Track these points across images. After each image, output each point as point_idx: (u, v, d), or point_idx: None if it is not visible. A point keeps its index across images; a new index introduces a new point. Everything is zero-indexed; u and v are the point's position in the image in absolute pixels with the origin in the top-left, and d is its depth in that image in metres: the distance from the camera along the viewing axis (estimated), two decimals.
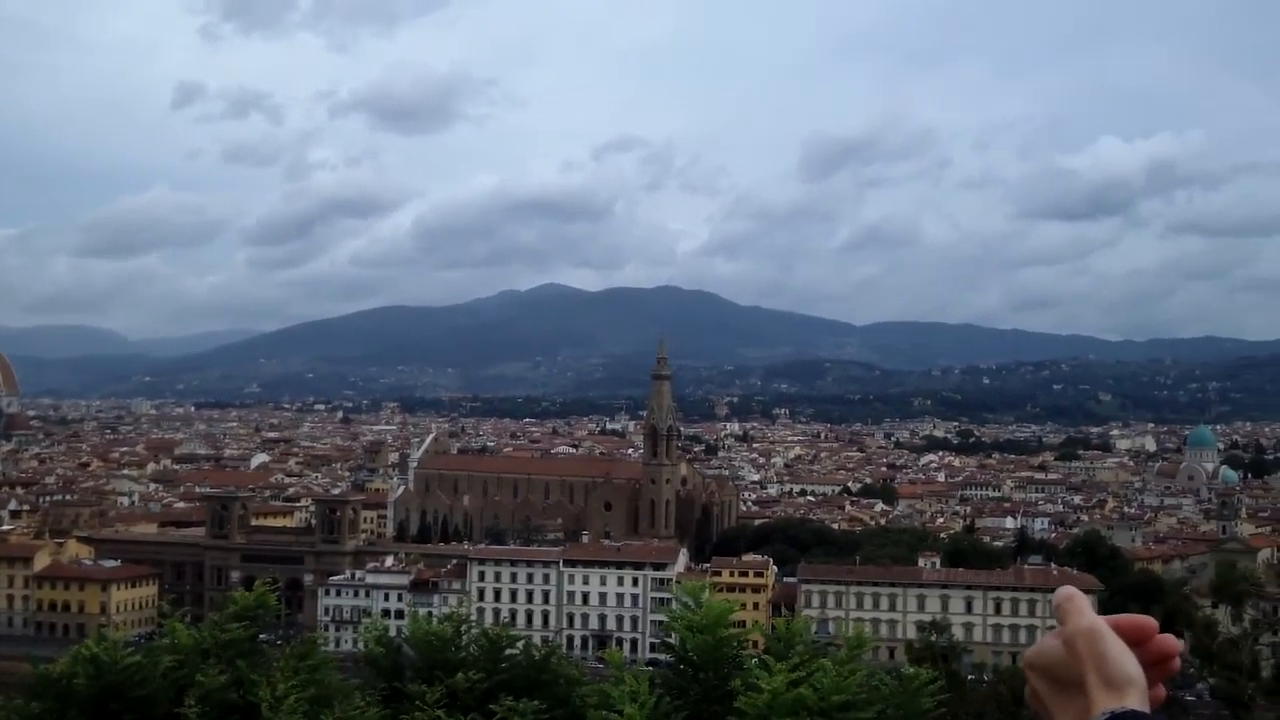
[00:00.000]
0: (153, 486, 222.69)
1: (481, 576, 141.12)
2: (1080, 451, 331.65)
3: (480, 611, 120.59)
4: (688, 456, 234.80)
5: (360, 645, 16.94)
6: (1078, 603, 2.64)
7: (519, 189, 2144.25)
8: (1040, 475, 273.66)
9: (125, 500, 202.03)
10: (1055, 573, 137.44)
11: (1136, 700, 2.59)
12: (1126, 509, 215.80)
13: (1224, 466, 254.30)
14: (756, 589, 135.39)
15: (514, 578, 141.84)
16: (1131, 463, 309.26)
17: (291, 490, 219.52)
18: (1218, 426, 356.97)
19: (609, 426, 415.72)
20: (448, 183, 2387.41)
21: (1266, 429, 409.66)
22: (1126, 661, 2.60)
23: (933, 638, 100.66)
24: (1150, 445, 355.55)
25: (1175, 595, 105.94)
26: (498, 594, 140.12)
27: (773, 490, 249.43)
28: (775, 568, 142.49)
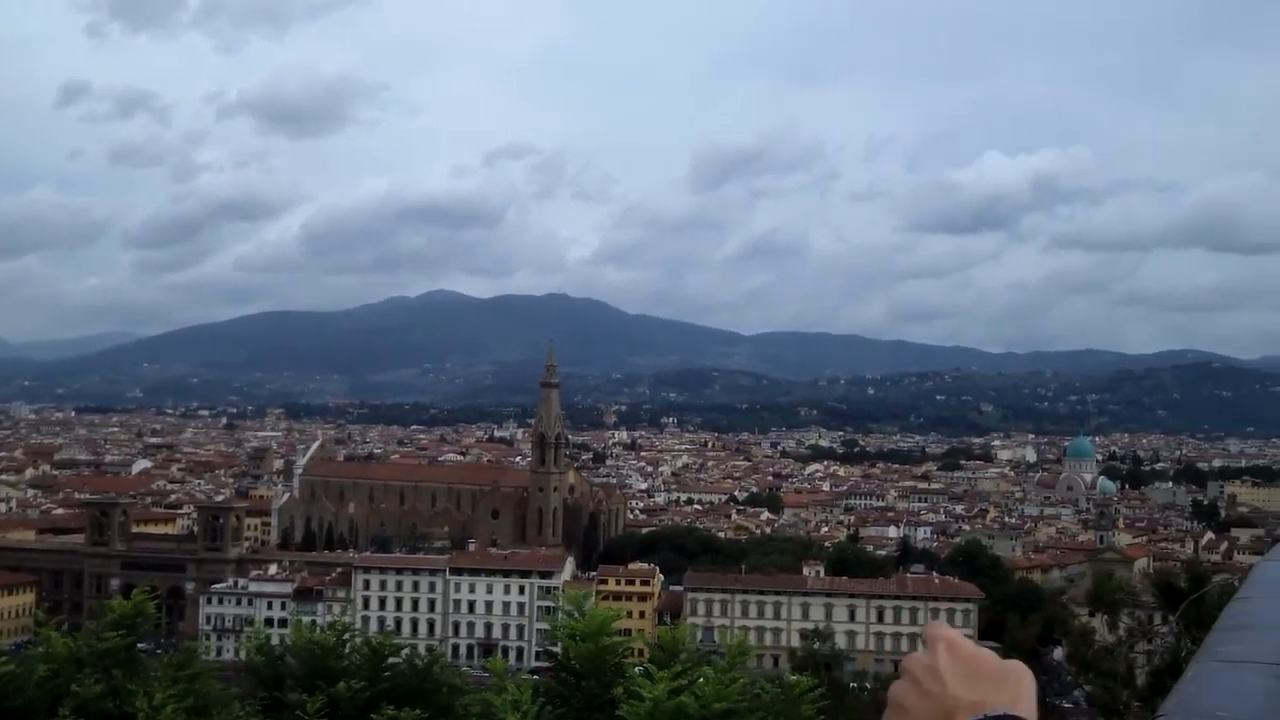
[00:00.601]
0: (31, 492, 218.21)
1: (367, 585, 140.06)
2: (962, 461, 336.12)
3: (365, 620, 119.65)
4: (576, 465, 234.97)
5: (241, 654, 16.79)
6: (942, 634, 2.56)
7: (409, 195, 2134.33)
8: (923, 485, 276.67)
9: (2, 506, 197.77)
10: (937, 581, 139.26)
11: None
12: (1007, 519, 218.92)
13: (1102, 477, 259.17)
14: (642, 597, 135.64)
15: (400, 586, 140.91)
16: (1012, 473, 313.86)
17: (174, 497, 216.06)
18: (1096, 438, 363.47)
19: (497, 434, 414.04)
20: (337, 187, 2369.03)
21: (1143, 440, 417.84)
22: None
23: (815, 645, 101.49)
24: (1031, 456, 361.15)
25: (1053, 604, 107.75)
26: (383, 602, 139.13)
27: (660, 499, 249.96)
28: (661, 576, 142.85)
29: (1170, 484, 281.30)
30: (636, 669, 12.53)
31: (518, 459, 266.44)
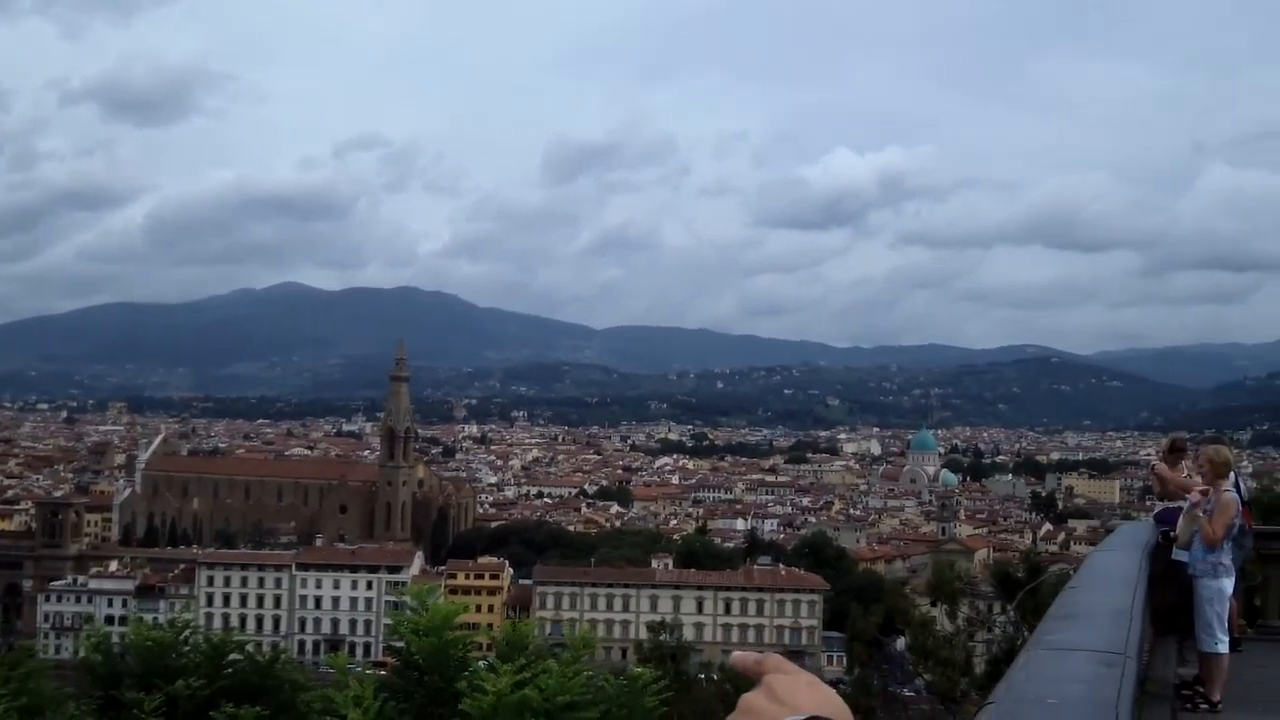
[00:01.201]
0: None
1: (211, 581, 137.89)
2: (809, 455, 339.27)
3: (209, 617, 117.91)
4: (425, 459, 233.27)
5: (80, 653, 16.46)
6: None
7: (257, 185, 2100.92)
8: (770, 478, 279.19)
9: None
10: (783, 573, 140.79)
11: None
12: (852, 511, 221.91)
13: (944, 470, 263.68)
14: (492, 591, 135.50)
15: (245, 582, 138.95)
16: (857, 466, 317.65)
17: (11, 492, 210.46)
18: (939, 431, 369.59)
19: (345, 428, 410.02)
20: (183, 177, 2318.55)
21: (984, 434, 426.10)
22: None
23: (662, 637, 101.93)
24: (875, 449, 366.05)
25: (895, 594, 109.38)
26: (228, 599, 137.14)
27: (510, 492, 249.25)
28: (511, 570, 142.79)
29: (1010, 476, 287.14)
30: (481, 663, 12.49)
31: (366, 453, 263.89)
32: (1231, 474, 13.69)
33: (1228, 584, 12.88)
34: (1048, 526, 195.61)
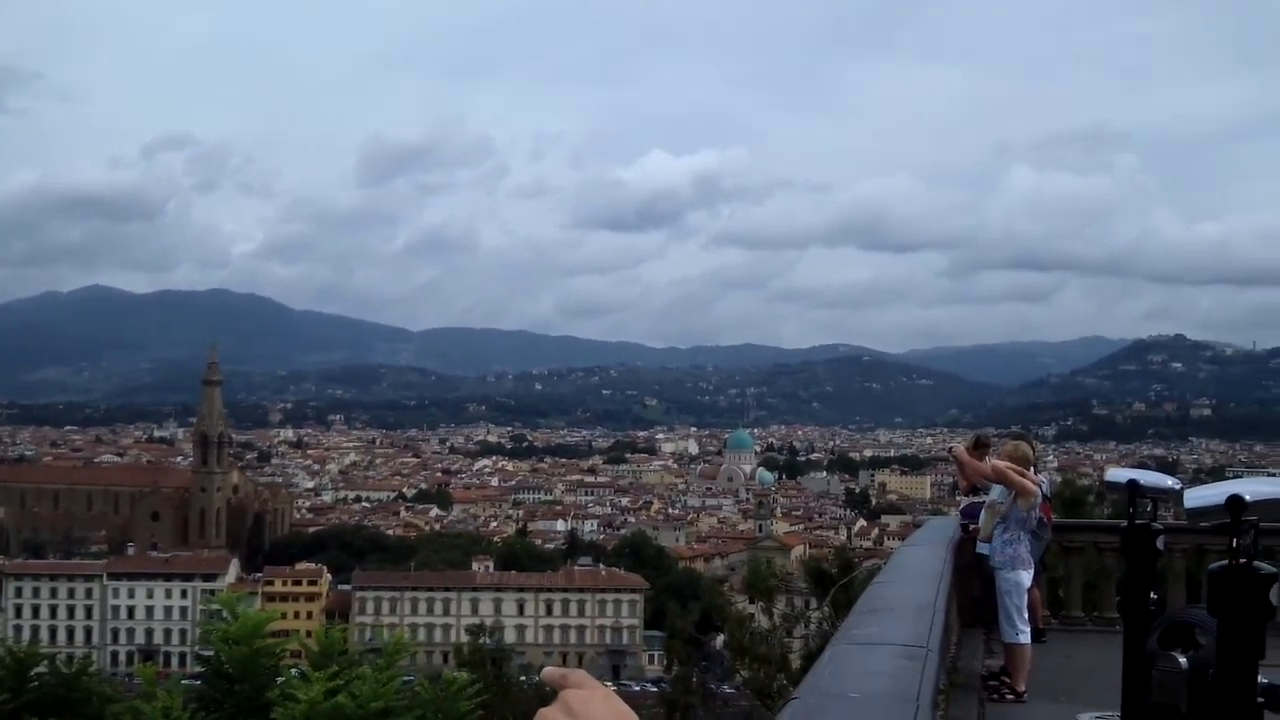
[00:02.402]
0: None
1: (19, 592, 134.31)
2: (628, 455, 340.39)
3: (17, 629, 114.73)
4: (240, 464, 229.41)
5: None
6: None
7: (63, 186, 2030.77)
8: (590, 478, 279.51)
9: None
10: (604, 573, 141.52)
11: None
12: (671, 510, 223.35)
13: (761, 468, 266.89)
14: (310, 597, 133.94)
15: (54, 593, 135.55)
16: (676, 465, 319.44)
17: None
18: (755, 430, 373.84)
19: (157, 434, 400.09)
20: None
21: (799, 432, 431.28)
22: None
23: (482, 641, 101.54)
24: (693, 448, 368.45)
25: (712, 592, 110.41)
26: (36, 610, 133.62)
27: (327, 497, 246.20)
28: (329, 575, 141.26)
29: (824, 473, 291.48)
30: (294, 671, 12.35)
31: (179, 459, 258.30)
32: (1032, 469, 14.08)
33: (1026, 576, 13.23)
34: (862, 522, 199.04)
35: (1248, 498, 7.21)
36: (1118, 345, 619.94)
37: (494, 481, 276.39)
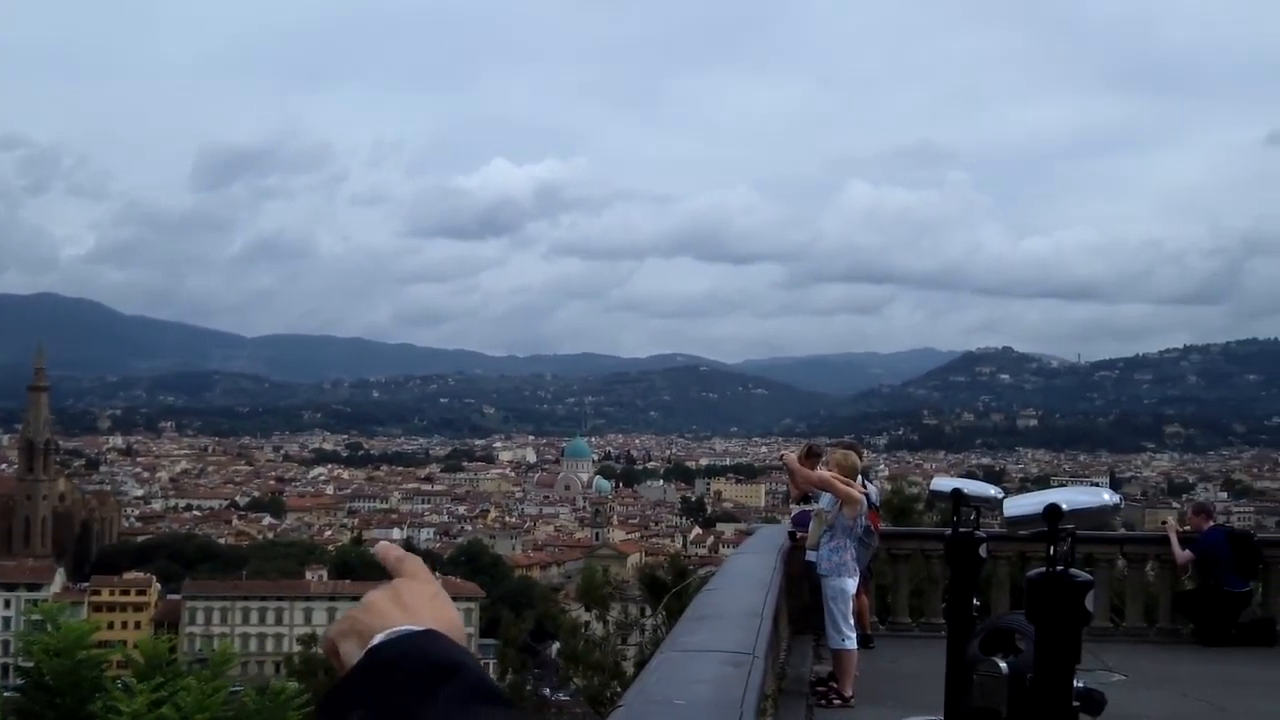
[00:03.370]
0: None
1: None
2: (465, 463, 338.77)
3: None
4: (67, 472, 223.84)
5: None
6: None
7: None
8: (427, 486, 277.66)
9: None
10: (439, 581, 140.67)
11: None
12: (508, 518, 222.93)
13: (598, 476, 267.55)
14: (138, 607, 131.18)
15: None
16: (513, 473, 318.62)
17: None
18: (592, 438, 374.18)
19: None
20: None
21: (636, 440, 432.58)
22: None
23: (314, 650, 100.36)
24: (531, 456, 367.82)
25: (546, 600, 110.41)
26: None
27: (158, 505, 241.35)
28: (159, 585, 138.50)
29: (661, 482, 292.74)
30: (118, 683, 12.10)
31: (3, 466, 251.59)
32: (860, 477, 14.34)
33: (851, 583, 13.47)
34: (697, 530, 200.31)
35: (1064, 507, 7.46)
36: (947, 357, 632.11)
37: (329, 490, 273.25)
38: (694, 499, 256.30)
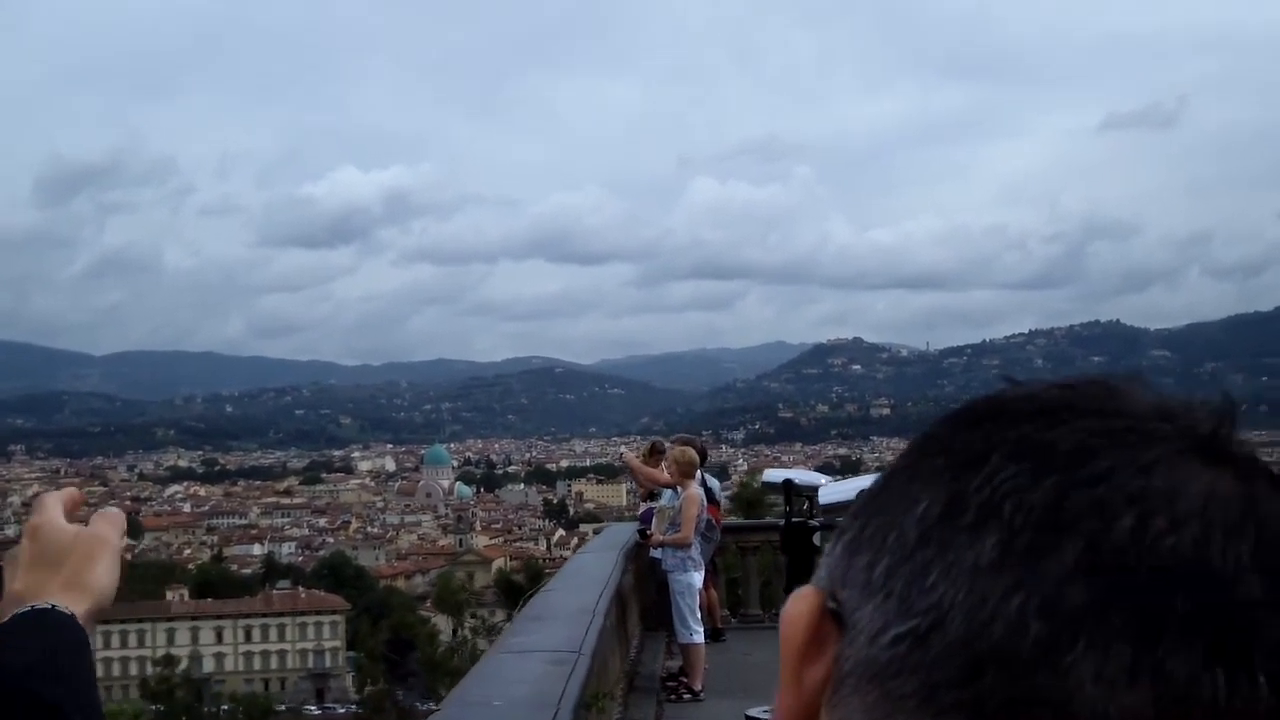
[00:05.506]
0: None
1: None
2: (324, 475, 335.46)
3: None
4: None
5: None
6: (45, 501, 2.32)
7: None
8: (286, 500, 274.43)
9: None
10: (303, 596, 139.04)
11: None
12: (370, 529, 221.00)
13: (459, 483, 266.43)
14: None
15: None
16: (373, 483, 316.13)
17: None
18: (452, 445, 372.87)
19: None
20: None
21: (496, 445, 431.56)
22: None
23: (179, 669, 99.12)
24: (390, 465, 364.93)
25: (402, 609, 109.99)
26: None
27: (10, 531, 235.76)
28: None
29: (523, 485, 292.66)
30: None
31: None
32: (699, 473, 14.51)
33: (697, 577, 13.65)
34: (561, 532, 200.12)
35: None
36: (799, 349, 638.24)
37: (186, 507, 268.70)
38: (556, 501, 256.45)
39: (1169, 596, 0.87)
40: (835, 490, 8.02)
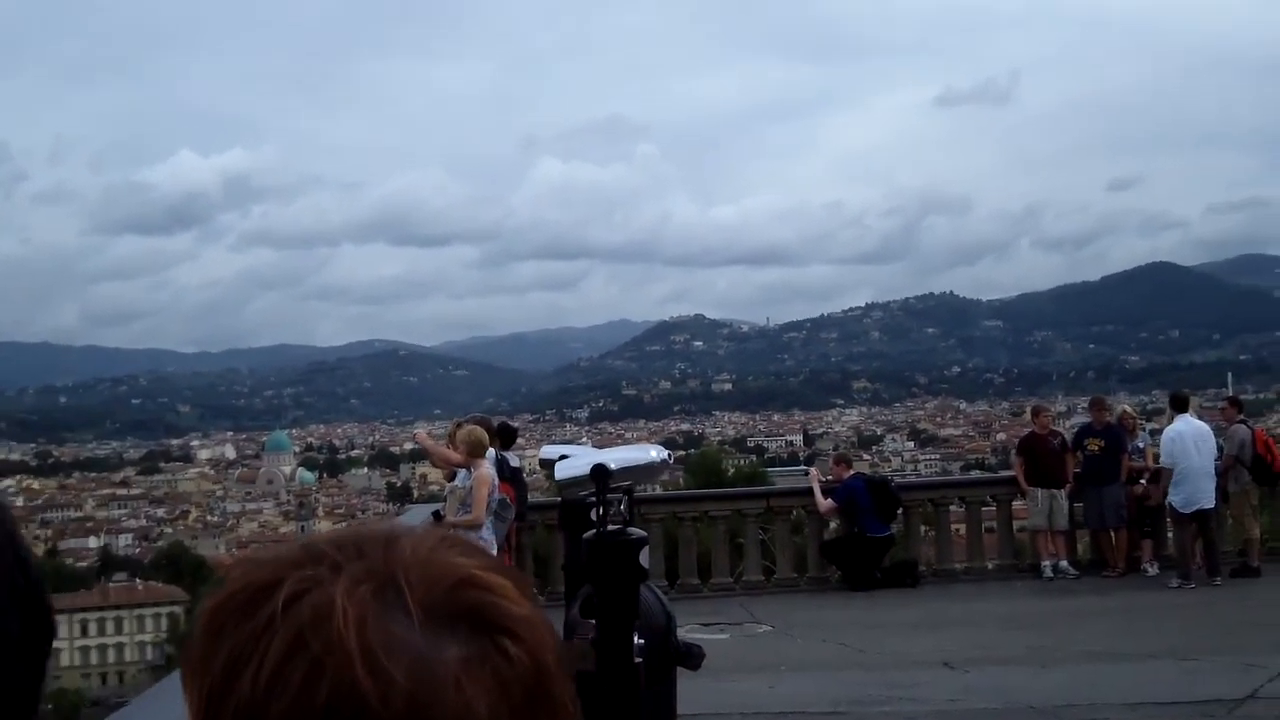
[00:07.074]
0: None
1: None
2: (162, 464, 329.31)
3: None
4: None
5: None
6: None
7: None
8: (123, 491, 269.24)
9: None
10: (141, 588, 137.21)
11: None
12: (210, 517, 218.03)
13: (301, 468, 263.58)
14: None
15: None
16: (213, 471, 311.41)
17: None
18: (294, 430, 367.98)
19: None
20: None
21: (339, 430, 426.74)
22: None
23: None
24: (230, 453, 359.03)
25: None
26: None
27: None
28: None
29: (366, 469, 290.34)
30: None
31: None
32: (491, 451, 14.93)
33: None
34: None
35: (612, 465, 8.07)
36: (643, 327, 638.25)
37: (19, 501, 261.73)
38: (400, 484, 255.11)
39: None
40: (569, 466, 8.42)
